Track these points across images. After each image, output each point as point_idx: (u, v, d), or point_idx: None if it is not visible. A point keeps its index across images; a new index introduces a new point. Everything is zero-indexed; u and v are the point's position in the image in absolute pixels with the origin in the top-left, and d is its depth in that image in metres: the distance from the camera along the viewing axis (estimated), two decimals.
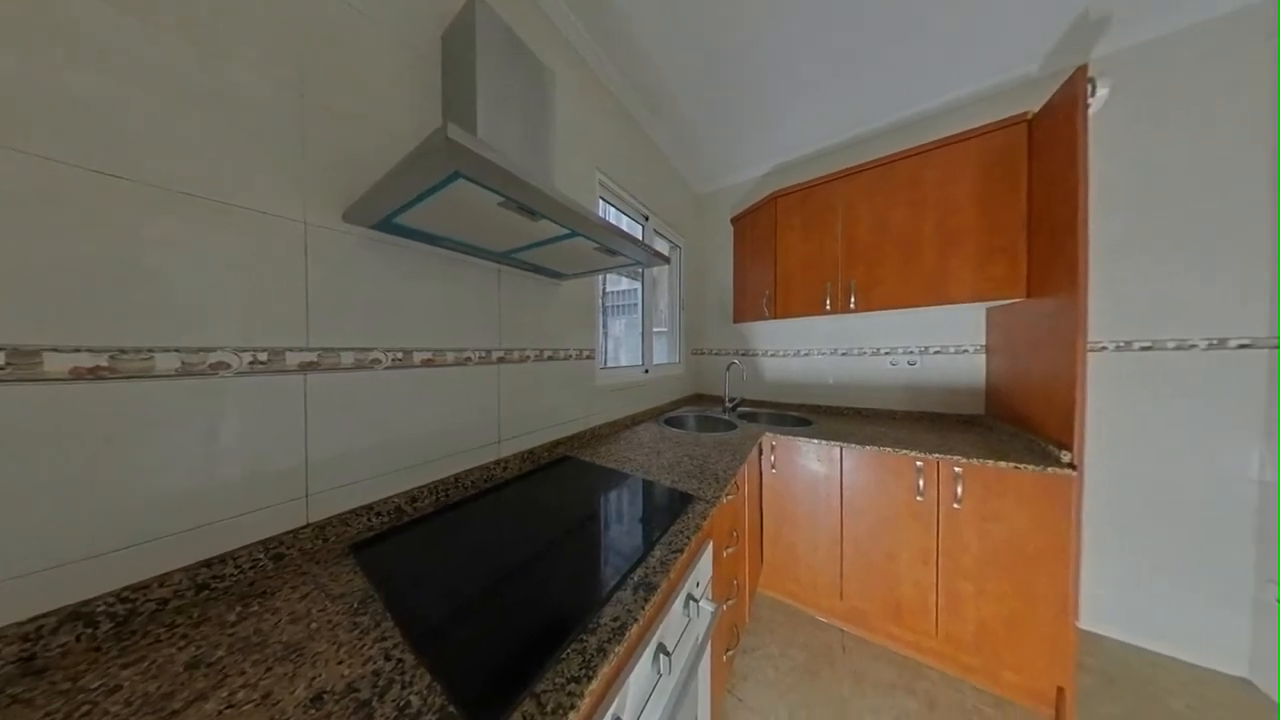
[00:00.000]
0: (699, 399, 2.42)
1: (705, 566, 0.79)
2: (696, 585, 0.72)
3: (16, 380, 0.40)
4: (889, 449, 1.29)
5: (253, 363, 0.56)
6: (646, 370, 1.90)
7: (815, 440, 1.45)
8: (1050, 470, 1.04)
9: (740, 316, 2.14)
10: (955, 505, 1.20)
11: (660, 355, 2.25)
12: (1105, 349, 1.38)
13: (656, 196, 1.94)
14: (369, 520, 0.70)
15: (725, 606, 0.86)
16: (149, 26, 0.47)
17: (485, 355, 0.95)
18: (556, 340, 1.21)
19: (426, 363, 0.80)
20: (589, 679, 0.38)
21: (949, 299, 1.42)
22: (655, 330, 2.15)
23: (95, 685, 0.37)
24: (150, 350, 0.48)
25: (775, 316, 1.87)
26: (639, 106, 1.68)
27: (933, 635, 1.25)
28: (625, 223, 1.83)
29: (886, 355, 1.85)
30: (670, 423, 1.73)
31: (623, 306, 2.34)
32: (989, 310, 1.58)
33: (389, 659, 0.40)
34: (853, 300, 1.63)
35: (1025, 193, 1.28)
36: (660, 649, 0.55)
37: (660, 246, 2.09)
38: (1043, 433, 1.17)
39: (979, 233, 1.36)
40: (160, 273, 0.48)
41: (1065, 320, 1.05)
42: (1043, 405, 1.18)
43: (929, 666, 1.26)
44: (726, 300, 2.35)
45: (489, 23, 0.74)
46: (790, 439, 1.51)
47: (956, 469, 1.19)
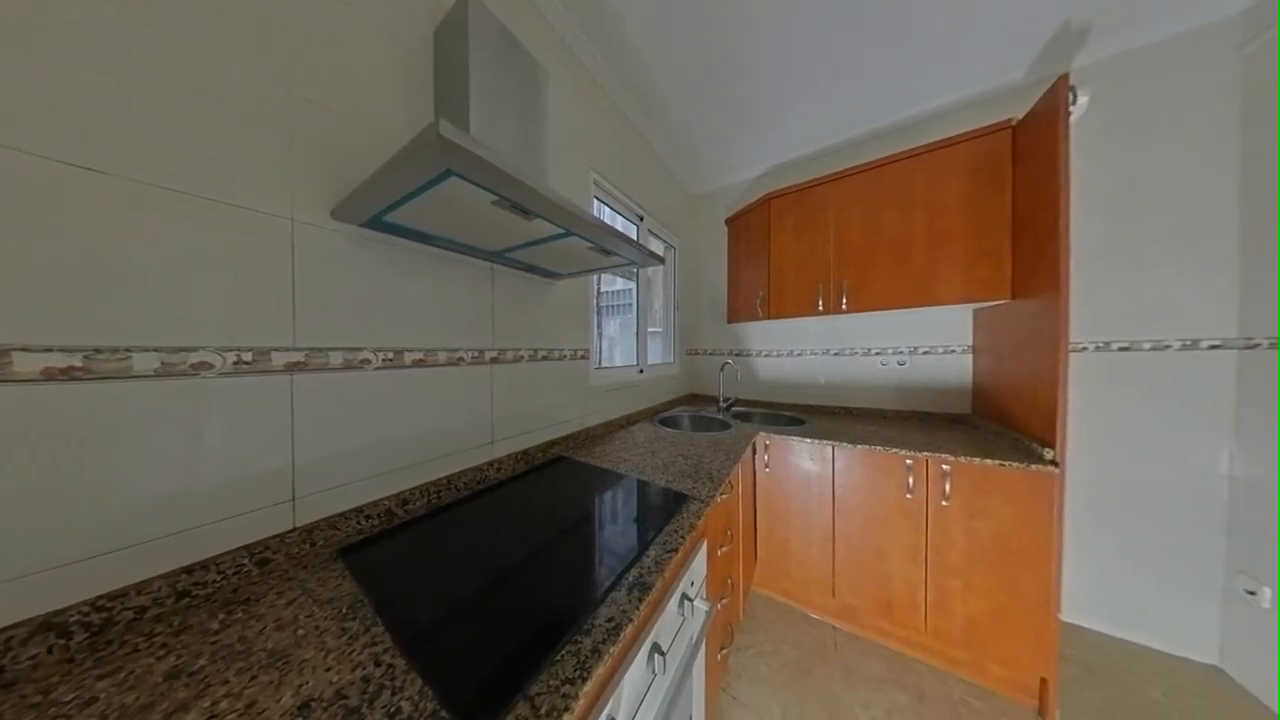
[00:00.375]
0: (694, 399, 2.43)
1: (700, 566, 0.79)
2: (691, 584, 0.73)
3: None
4: (880, 448, 1.32)
5: (237, 363, 0.54)
6: (641, 370, 1.90)
7: (808, 439, 1.46)
8: (1034, 467, 1.07)
9: (734, 317, 2.16)
10: (943, 503, 1.22)
11: (655, 355, 2.25)
12: (1086, 350, 1.42)
13: (651, 197, 1.95)
14: (358, 523, 0.69)
15: (720, 605, 0.87)
16: (129, 16, 0.46)
17: (479, 355, 0.94)
18: (551, 340, 1.20)
19: (418, 363, 0.79)
20: (583, 680, 0.38)
21: (937, 300, 1.45)
22: (650, 330, 2.15)
23: (69, 698, 0.35)
24: (128, 350, 0.46)
25: (769, 317, 1.88)
26: (634, 107, 1.68)
27: (922, 630, 1.28)
28: (620, 223, 1.82)
29: (877, 355, 1.88)
30: (665, 423, 1.73)
31: (617, 306, 2.33)
32: (975, 311, 1.62)
33: (379, 664, 0.40)
34: (844, 301, 1.65)
35: (1010, 197, 1.31)
36: (655, 649, 0.55)
37: (655, 247, 2.09)
38: (1027, 431, 1.20)
39: (966, 236, 1.39)
40: (139, 270, 0.47)
41: (1048, 321, 1.08)
42: (1027, 404, 1.21)
43: (918, 661, 1.29)
44: (721, 300, 2.36)
45: (482, 19, 0.74)
46: (784, 438, 1.52)
47: (944, 467, 1.21)
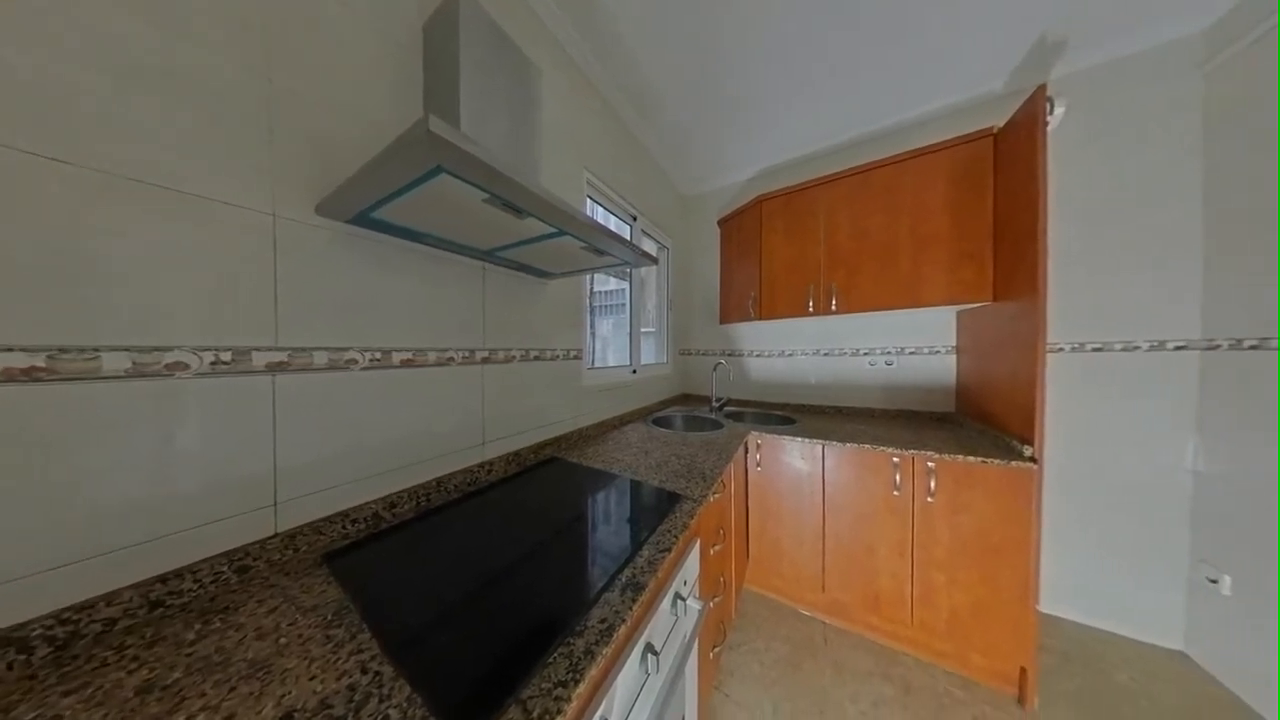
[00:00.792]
0: (686, 399, 2.44)
1: (693, 565, 0.79)
2: (684, 584, 0.73)
3: None
4: (868, 446, 1.34)
5: (215, 363, 0.52)
6: (634, 370, 1.90)
7: (799, 438, 1.48)
8: (1014, 464, 1.10)
9: (726, 317, 2.17)
10: (929, 499, 1.25)
11: (648, 355, 2.26)
12: (1063, 350, 1.48)
13: (644, 197, 1.95)
14: (344, 528, 0.67)
15: (712, 604, 0.87)
16: None
17: (469, 355, 0.92)
18: (543, 340, 1.19)
19: (406, 363, 0.77)
20: (576, 682, 0.37)
21: (922, 302, 1.49)
22: (643, 330, 2.16)
23: (29, 717, 0.34)
24: (95, 349, 0.44)
25: (760, 317, 1.90)
26: (627, 107, 1.68)
27: (908, 624, 1.31)
28: (613, 222, 1.82)
29: (865, 356, 1.92)
30: (658, 423, 1.74)
31: (610, 306, 2.33)
32: (959, 313, 1.67)
33: (366, 672, 0.39)
34: (834, 302, 1.68)
35: (992, 202, 1.35)
36: (648, 649, 0.55)
37: (648, 247, 2.09)
38: (1007, 429, 1.25)
39: (950, 239, 1.43)
40: (109, 266, 0.45)
41: (1027, 323, 1.12)
42: (1007, 403, 1.25)
43: (904, 653, 1.32)
44: (713, 301, 2.38)
45: (473, 15, 0.73)
46: (775, 437, 1.54)
47: (930, 464, 1.25)
